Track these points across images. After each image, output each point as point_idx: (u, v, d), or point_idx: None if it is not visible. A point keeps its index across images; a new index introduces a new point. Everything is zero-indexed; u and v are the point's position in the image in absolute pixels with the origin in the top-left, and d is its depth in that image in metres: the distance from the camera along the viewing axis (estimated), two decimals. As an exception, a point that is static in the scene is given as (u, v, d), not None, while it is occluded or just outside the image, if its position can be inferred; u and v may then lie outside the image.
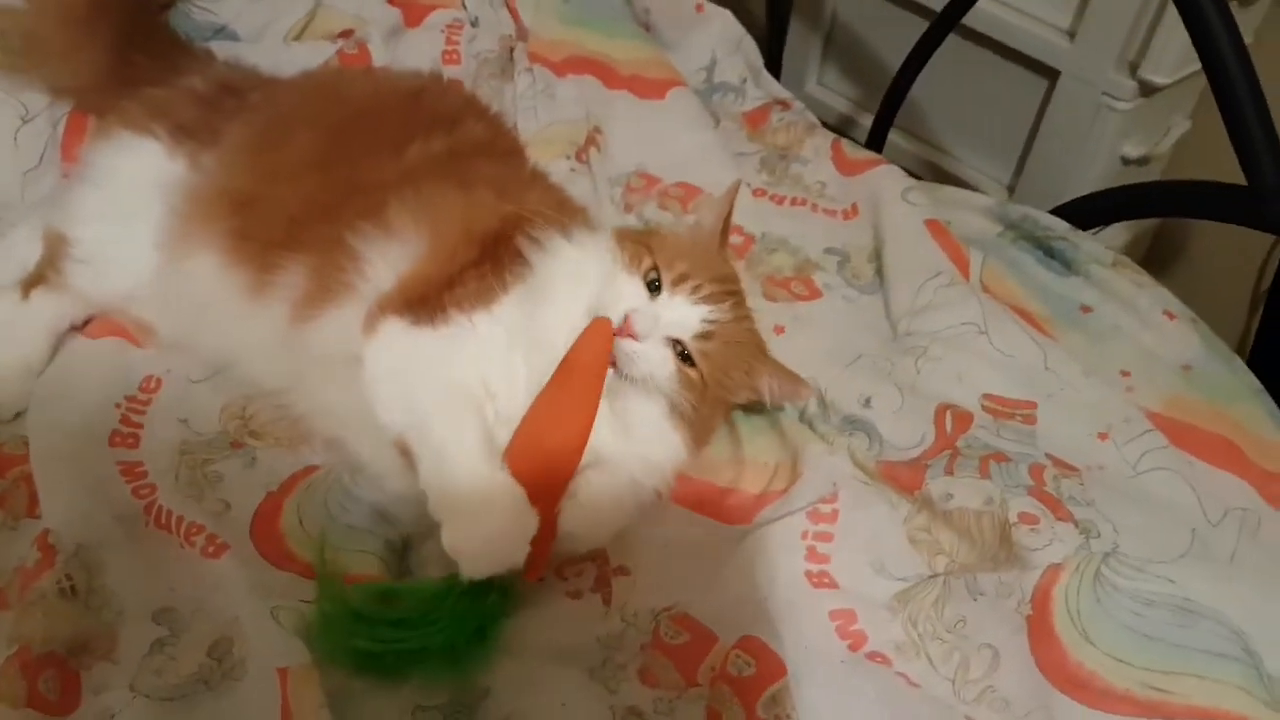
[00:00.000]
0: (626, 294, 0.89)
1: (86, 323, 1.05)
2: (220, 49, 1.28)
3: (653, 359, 0.88)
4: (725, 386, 0.95)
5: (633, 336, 0.87)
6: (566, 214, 1.01)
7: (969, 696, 0.85)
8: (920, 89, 1.60)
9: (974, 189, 1.55)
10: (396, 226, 0.96)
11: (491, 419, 0.89)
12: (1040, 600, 0.90)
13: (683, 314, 0.90)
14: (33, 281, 1.04)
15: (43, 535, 0.87)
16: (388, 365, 0.90)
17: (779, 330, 1.13)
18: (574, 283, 0.91)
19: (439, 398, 0.88)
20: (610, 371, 0.88)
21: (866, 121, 1.75)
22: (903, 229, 1.23)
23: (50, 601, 0.83)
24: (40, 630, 0.82)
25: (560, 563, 0.93)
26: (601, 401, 0.89)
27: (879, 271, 1.22)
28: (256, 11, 1.38)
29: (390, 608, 0.85)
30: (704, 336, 0.91)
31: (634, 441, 0.91)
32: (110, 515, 0.91)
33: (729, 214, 1.02)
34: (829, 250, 1.25)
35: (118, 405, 1.00)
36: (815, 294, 1.20)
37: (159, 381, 1.03)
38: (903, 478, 0.99)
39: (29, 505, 0.91)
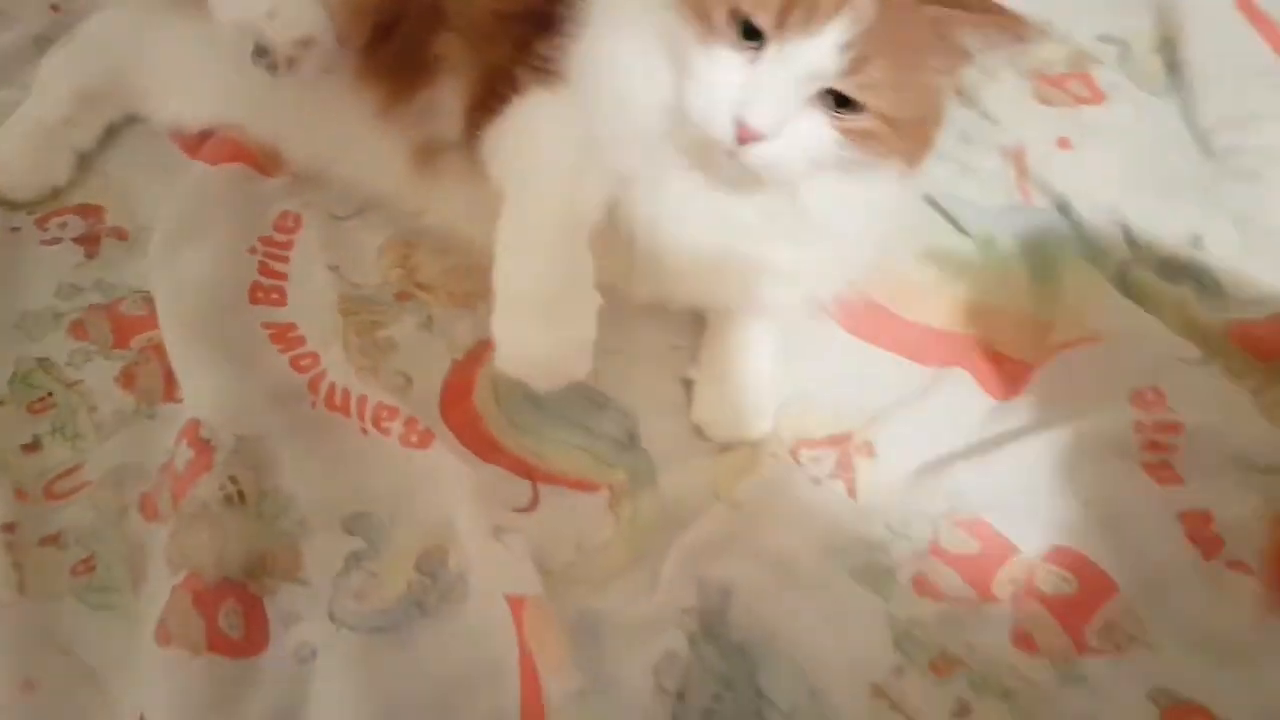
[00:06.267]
0: (719, 80, 0.59)
1: (203, 141, 0.83)
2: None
3: (794, 150, 0.60)
4: (920, 85, 0.62)
5: (756, 139, 0.59)
6: None
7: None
8: None
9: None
10: None
11: None
12: None
13: (807, 56, 0.58)
14: None
15: (192, 427, 0.69)
16: None
17: (1064, 144, 0.89)
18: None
19: None
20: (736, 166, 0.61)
21: None
22: (1204, 10, 0.96)
23: (214, 513, 0.66)
24: (209, 551, 0.64)
25: (797, 445, 0.76)
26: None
27: (1171, 67, 0.96)
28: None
29: None
30: (856, 64, 0.58)
31: (826, 240, 0.68)
32: (265, 394, 0.73)
33: None
34: (1103, 38, 0.98)
35: (252, 250, 0.79)
36: (1098, 96, 0.94)
37: (297, 219, 0.81)
38: (1265, 340, 0.78)
39: (165, 386, 0.73)
